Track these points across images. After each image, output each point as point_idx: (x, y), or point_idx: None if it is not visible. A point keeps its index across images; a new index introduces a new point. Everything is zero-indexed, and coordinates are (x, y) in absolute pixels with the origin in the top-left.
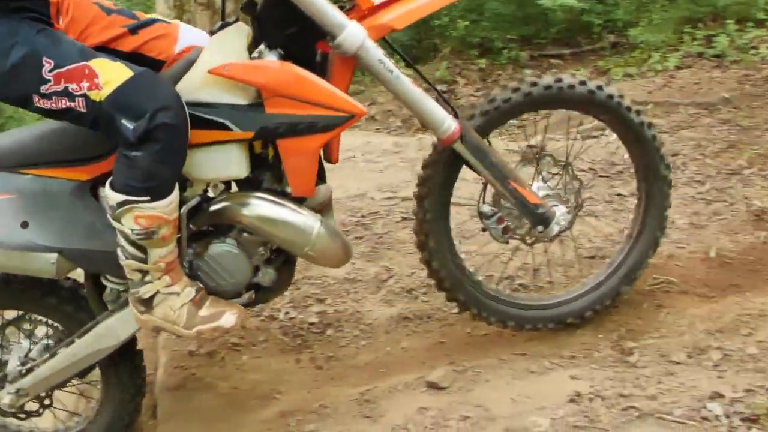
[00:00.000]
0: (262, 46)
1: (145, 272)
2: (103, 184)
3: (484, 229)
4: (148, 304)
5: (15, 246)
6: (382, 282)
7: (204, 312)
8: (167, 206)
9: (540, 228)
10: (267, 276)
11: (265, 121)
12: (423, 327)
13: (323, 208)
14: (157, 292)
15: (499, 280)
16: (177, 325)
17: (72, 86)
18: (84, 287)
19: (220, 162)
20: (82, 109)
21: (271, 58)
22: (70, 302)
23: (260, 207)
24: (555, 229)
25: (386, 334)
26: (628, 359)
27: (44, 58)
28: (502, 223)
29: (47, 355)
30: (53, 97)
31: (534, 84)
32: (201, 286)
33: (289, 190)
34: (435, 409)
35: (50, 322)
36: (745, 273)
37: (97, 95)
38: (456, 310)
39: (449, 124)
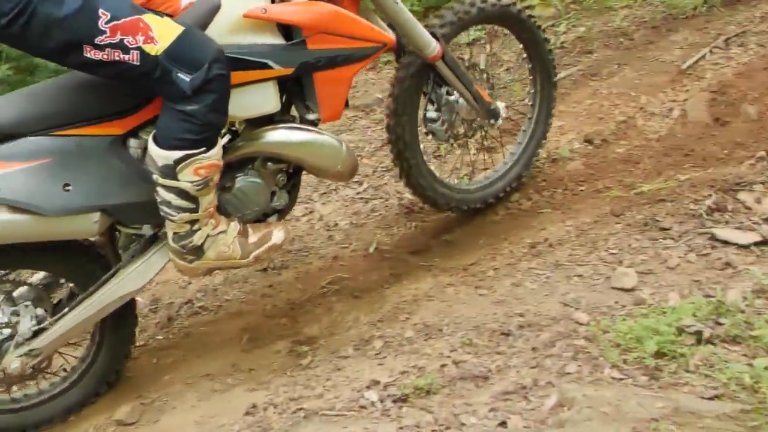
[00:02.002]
0: None
1: (194, 222)
2: (133, 137)
3: (427, 133)
4: (198, 251)
5: (60, 210)
6: None
7: (253, 238)
8: (218, 152)
9: (492, 121)
10: (282, 199)
11: (307, 57)
12: None
13: None
14: (207, 236)
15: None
16: (234, 258)
17: (128, 39)
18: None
19: (258, 99)
20: (136, 62)
21: None
22: (81, 254)
23: (298, 135)
24: (500, 121)
25: None
26: (302, 362)
27: (101, 10)
28: (444, 125)
29: (65, 310)
30: (107, 49)
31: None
32: (238, 218)
33: (312, 116)
34: None
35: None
36: (401, 263)
37: (153, 49)
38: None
39: (435, 45)
